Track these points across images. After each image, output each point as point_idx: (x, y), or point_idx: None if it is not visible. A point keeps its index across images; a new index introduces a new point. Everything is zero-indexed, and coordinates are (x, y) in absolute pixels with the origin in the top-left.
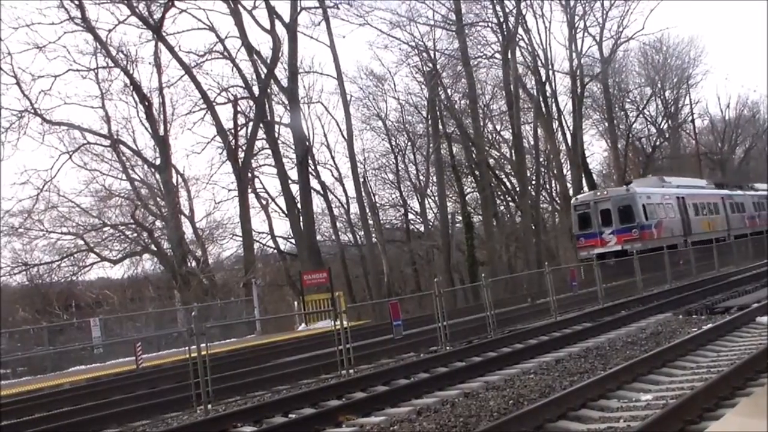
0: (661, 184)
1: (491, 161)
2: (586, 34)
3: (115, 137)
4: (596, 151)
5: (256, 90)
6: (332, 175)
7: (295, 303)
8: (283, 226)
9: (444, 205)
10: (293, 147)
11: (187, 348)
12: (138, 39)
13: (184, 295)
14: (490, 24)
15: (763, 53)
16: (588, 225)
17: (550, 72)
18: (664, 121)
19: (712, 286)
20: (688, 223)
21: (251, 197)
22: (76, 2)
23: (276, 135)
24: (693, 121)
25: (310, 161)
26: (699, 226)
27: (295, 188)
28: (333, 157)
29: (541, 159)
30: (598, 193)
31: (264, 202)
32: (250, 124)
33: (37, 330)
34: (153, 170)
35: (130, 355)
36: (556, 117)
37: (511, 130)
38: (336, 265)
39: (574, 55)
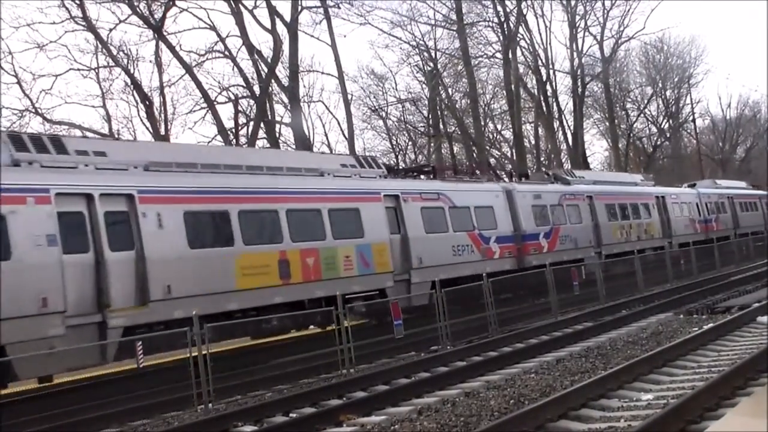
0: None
1: (492, 161)
2: (587, 33)
3: (116, 136)
4: (597, 150)
5: (256, 89)
6: None
7: None
8: None
9: None
10: (294, 146)
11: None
12: (139, 38)
13: None
14: (491, 24)
15: (763, 53)
16: None
17: (551, 71)
18: (665, 120)
19: (712, 286)
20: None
21: None
22: (77, 1)
23: (277, 134)
24: (694, 120)
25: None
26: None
27: None
28: None
29: (542, 159)
30: None
31: None
32: (251, 123)
33: None
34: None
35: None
36: (556, 116)
37: (511, 130)
38: None
39: (575, 54)
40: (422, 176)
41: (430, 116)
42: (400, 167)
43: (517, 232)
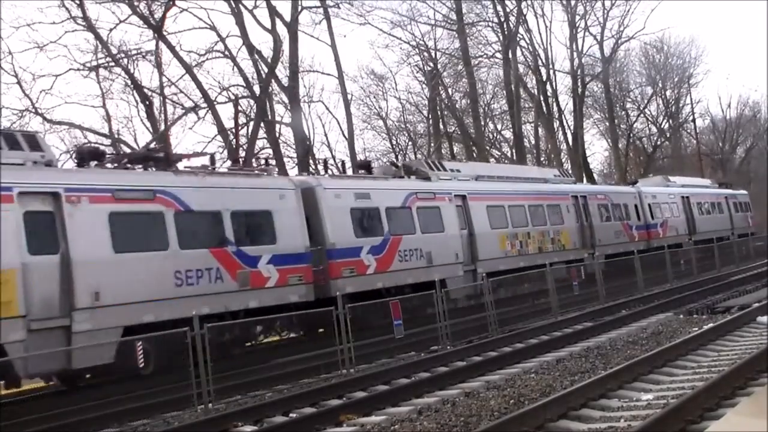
0: None
1: (492, 161)
2: (587, 33)
3: (116, 136)
4: (597, 150)
5: (256, 89)
6: None
7: None
8: None
9: None
10: (294, 146)
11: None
12: (139, 38)
13: None
14: (490, 23)
15: (763, 53)
16: None
17: (551, 71)
18: (665, 120)
19: (712, 286)
20: None
21: None
22: (77, 1)
23: (277, 134)
24: (694, 120)
25: (310, 160)
26: None
27: None
28: (334, 157)
29: (542, 159)
30: None
31: None
32: (251, 123)
33: None
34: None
35: None
36: (556, 116)
37: (512, 130)
38: None
39: (575, 54)
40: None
41: (430, 116)
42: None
43: (321, 246)
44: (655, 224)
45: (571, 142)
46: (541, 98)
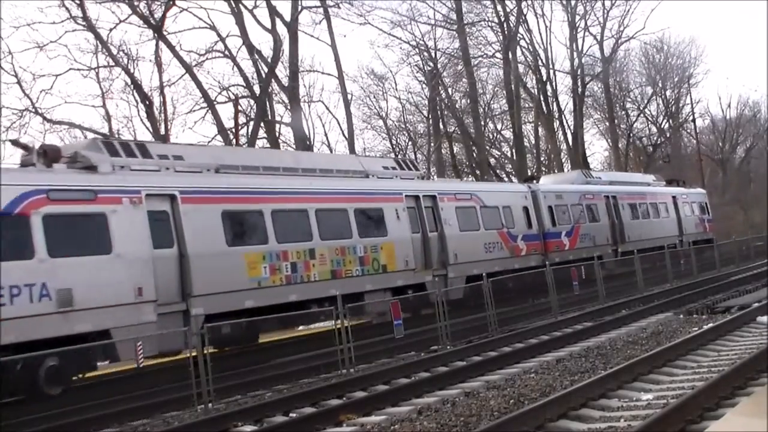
0: None
1: (492, 161)
2: (587, 33)
3: (116, 136)
4: (597, 150)
5: (257, 89)
6: None
7: None
8: None
9: None
10: (294, 146)
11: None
12: (139, 38)
13: None
14: (490, 23)
15: (763, 53)
16: None
17: (551, 71)
18: (665, 120)
19: (712, 286)
20: None
21: None
22: (77, 1)
23: (277, 134)
24: (694, 120)
25: None
26: None
27: None
28: None
29: (542, 158)
30: None
31: None
32: (251, 123)
33: None
34: None
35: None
36: (556, 116)
37: (511, 130)
38: None
39: (575, 54)
40: None
41: (430, 116)
42: None
43: None
44: (558, 232)
45: (571, 142)
46: (541, 98)
